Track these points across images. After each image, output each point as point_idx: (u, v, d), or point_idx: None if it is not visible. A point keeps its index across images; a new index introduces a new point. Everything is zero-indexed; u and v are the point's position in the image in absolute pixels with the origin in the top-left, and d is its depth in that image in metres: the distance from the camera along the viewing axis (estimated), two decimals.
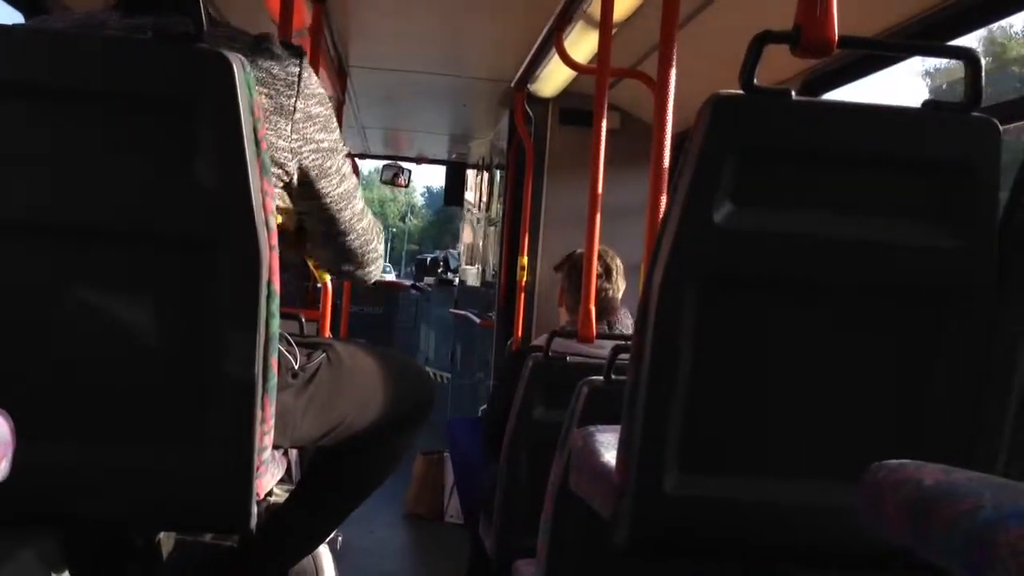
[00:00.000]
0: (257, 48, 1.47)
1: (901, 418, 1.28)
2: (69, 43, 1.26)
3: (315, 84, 1.54)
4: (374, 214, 1.80)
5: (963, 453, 1.24)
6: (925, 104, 1.26)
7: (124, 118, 1.24)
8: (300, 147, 1.50)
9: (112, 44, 1.28)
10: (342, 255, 1.71)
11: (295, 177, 1.52)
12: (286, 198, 1.53)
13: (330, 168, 1.57)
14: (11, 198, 1.23)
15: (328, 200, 1.60)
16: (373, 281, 1.81)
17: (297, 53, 1.51)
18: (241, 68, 1.23)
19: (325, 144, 1.55)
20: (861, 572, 1.24)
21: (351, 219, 1.65)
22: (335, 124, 1.59)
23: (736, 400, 1.28)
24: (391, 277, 13.99)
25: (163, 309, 1.26)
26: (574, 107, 4.13)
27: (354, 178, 1.66)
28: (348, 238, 1.67)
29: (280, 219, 1.45)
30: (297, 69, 1.49)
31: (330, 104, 1.59)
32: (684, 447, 1.26)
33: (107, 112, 1.24)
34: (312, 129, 1.52)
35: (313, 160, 1.53)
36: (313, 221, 1.63)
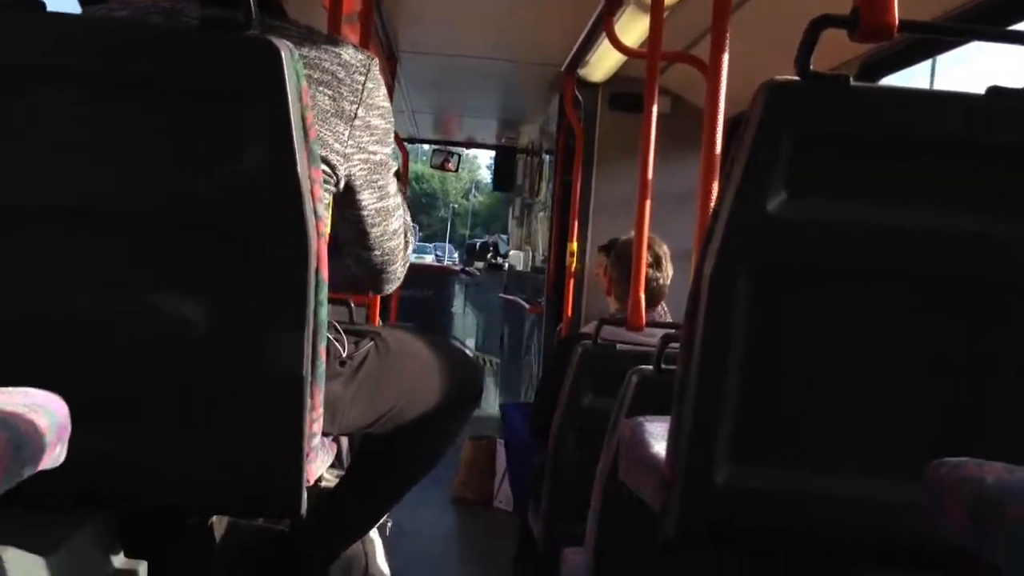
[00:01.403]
0: (327, 51, 1.47)
1: (958, 411, 1.25)
2: (119, 31, 1.27)
3: (381, 97, 1.54)
4: (433, 192, 1.80)
5: (1022, 448, 1.20)
6: (989, 90, 1.22)
7: (172, 106, 1.25)
8: (352, 154, 1.50)
9: (161, 32, 1.29)
10: (361, 265, 1.69)
11: (342, 183, 1.51)
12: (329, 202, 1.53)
13: (376, 181, 1.57)
14: (62, 185, 1.25)
15: (364, 213, 1.59)
16: (385, 292, 1.81)
17: (366, 63, 1.51)
18: (289, 55, 1.23)
19: (377, 157, 1.55)
20: (914, 567, 1.21)
21: (381, 236, 1.64)
22: (391, 140, 1.59)
23: (788, 391, 1.26)
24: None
25: (213, 297, 1.27)
26: (624, 92, 4.09)
27: (398, 197, 1.65)
28: (373, 253, 1.66)
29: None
30: (363, 79, 1.49)
31: (392, 119, 1.58)
32: (735, 439, 1.24)
33: (156, 100, 1.25)
34: (368, 139, 1.52)
35: (361, 169, 1.53)
36: (347, 230, 1.63)
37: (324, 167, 1.46)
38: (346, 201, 1.56)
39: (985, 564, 0.88)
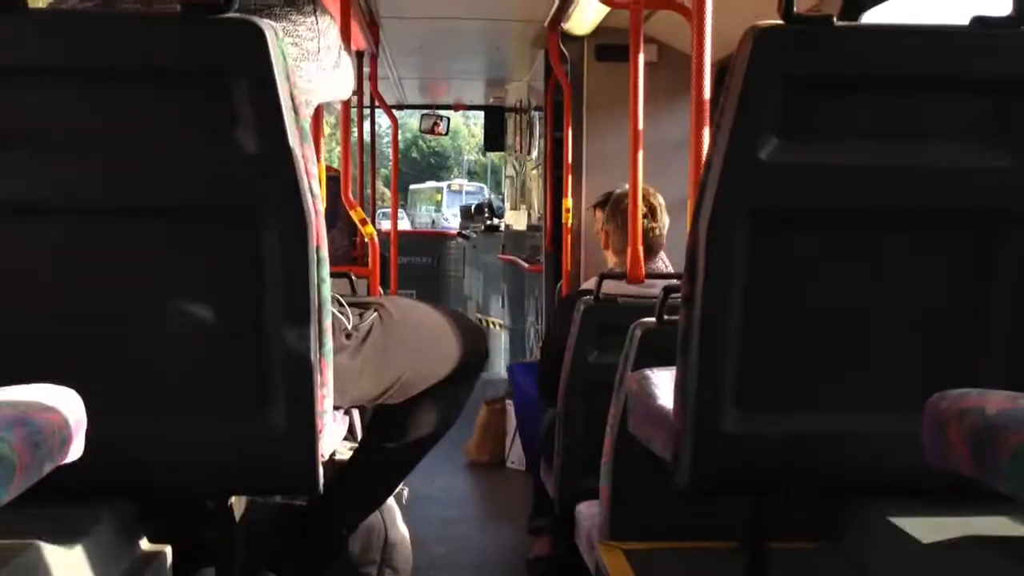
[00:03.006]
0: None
1: (962, 345, 1.26)
2: (101, 22, 1.26)
3: (329, 20, 1.59)
4: (443, 151, 1.89)
5: None
6: (973, 21, 1.21)
7: (160, 93, 1.25)
8: (323, 82, 1.58)
9: (139, 20, 1.28)
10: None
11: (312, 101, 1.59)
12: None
13: (331, 64, 1.63)
14: (57, 182, 1.25)
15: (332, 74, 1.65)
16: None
17: None
18: (274, 36, 1.23)
19: (330, 59, 1.61)
20: (926, 500, 1.23)
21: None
22: (335, 31, 1.64)
23: (791, 336, 1.27)
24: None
25: (217, 282, 1.28)
26: (610, 43, 4.05)
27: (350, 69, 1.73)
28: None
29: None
30: (311, 7, 1.54)
31: (335, 26, 1.64)
32: (740, 386, 1.26)
33: (142, 89, 1.24)
34: (329, 60, 1.59)
35: (330, 82, 1.62)
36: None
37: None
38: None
39: (986, 491, 0.89)
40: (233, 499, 1.55)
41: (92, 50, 1.23)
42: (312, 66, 1.53)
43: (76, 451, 1.01)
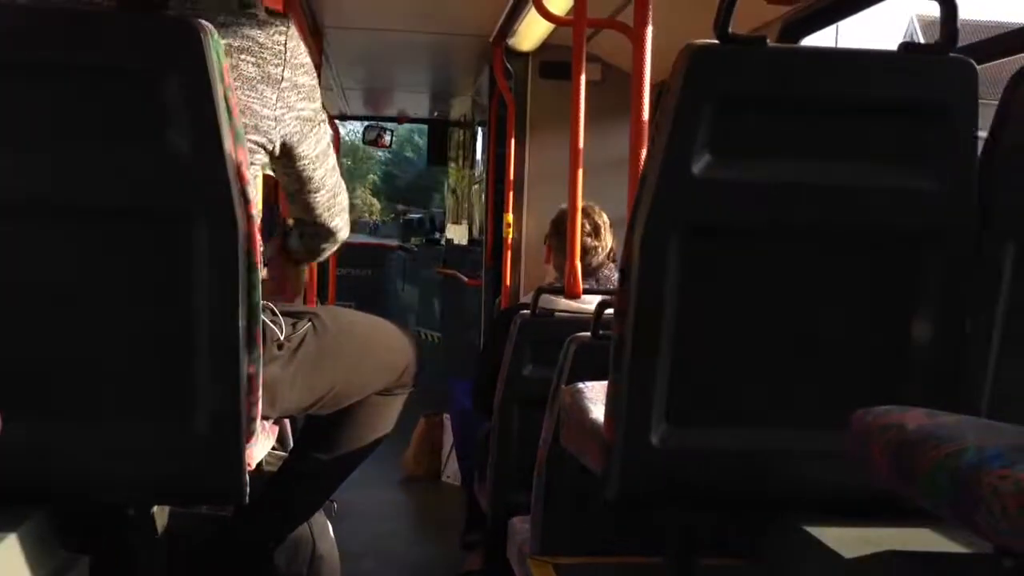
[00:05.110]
0: (242, 15, 1.47)
1: (886, 362, 1.29)
2: (28, 15, 1.23)
3: (302, 54, 1.55)
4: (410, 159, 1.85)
5: (948, 395, 1.24)
6: (901, 47, 1.25)
7: (91, 91, 1.22)
8: (283, 115, 1.52)
9: (74, 15, 1.25)
10: (310, 211, 1.73)
11: (277, 145, 1.53)
12: (266, 163, 1.55)
13: (311, 132, 1.59)
14: None
15: (306, 162, 1.62)
16: (344, 238, 1.83)
17: (284, 22, 1.52)
18: (209, 35, 1.21)
19: (307, 112, 1.57)
20: (850, 517, 1.25)
21: (324, 176, 1.68)
22: (319, 94, 1.62)
23: (721, 351, 1.28)
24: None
25: (143, 284, 1.26)
26: (554, 60, 4.08)
27: (328, 136, 1.69)
28: (320, 194, 1.70)
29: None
30: (283, 38, 1.50)
31: (315, 75, 1.61)
32: (671, 400, 1.27)
33: (71, 85, 1.22)
34: (296, 98, 1.54)
35: (294, 127, 1.55)
36: (289, 181, 1.67)
37: (255, 137, 1.48)
38: (286, 158, 1.60)
39: (908, 506, 0.91)
40: (155, 508, 1.51)
41: (20, 43, 1.20)
42: (272, 93, 1.49)
43: None
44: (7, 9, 1.26)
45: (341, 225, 1.80)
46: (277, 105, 1.50)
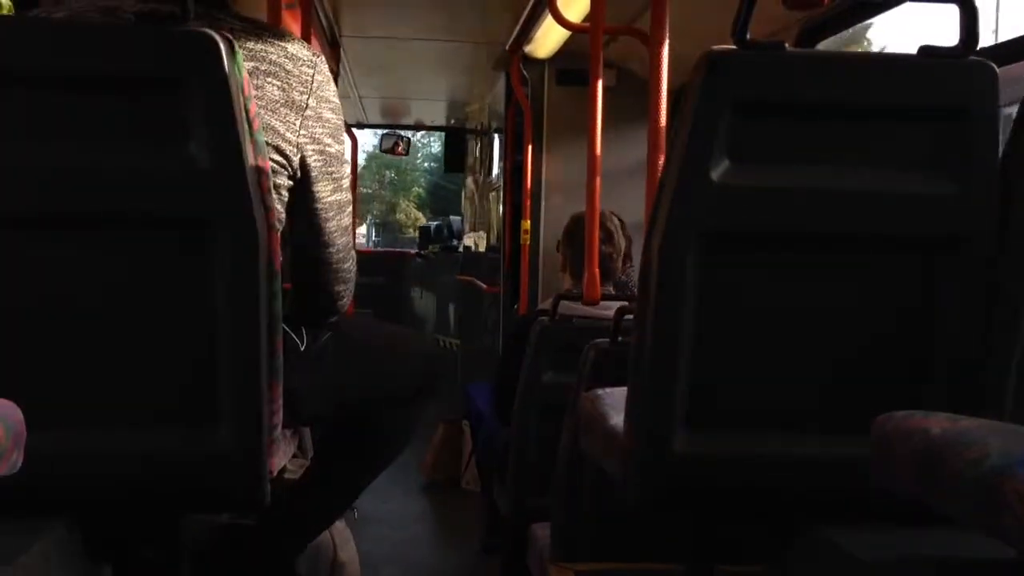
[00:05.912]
0: (273, 43, 1.48)
1: (909, 367, 1.28)
2: (56, 30, 1.25)
3: (331, 93, 1.56)
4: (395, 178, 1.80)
5: (971, 400, 1.24)
6: (920, 50, 1.24)
7: (112, 103, 1.23)
8: (306, 144, 1.52)
9: (98, 29, 1.27)
10: (317, 269, 1.64)
11: (298, 172, 1.52)
12: (284, 196, 1.53)
13: (331, 173, 1.58)
14: (6, 190, 1.23)
15: (319, 206, 1.58)
16: (343, 309, 1.71)
17: (312, 60, 1.53)
18: (228, 46, 1.22)
19: (332, 150, 1.57)
20: (873, 522, 1.25)
21: (335, 231, 1.62)
22: (344, 137, 1.61)
23: (741, 357, 1.28)
24: None
25: (165, 293, 1.27)
26: (570, 67, 4.09)
27: (348, 194, 1.64)
28: (328, 250, 1.62)
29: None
30: (312, 71, 1.51)
31: (342, 118, 1.59)
32: (691, 406, 1.26)
33: (96, 97, 1.23)
34: (321, 131, 1.54)
35: (316, 160, 1.54)
36: (300, 224, 1.60)
37: (277, 156, 1.47)
38: (301, 192, 1.56)
39: (932, 513, 0.91)
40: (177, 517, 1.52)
41: (43, 57, 1.22)
42: (295, 118, 1.49)
43: (15, 464, 0.99)
44: (28, 23, 1.28)
45: (344, 295, 1.69)
46: (301, 131, 1.50)
